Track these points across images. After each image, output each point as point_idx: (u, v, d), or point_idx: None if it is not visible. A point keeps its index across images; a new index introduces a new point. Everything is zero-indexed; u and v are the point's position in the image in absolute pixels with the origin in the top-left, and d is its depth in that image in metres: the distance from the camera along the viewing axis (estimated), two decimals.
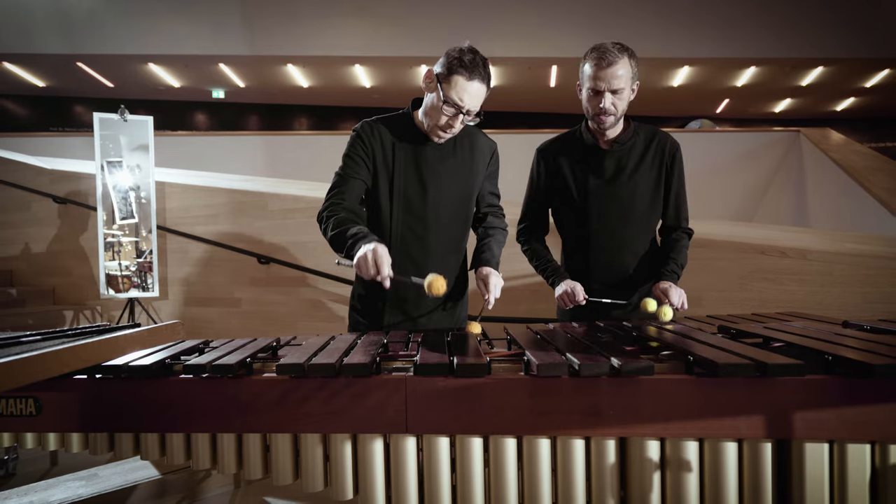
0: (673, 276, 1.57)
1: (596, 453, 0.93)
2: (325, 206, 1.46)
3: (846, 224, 4.35)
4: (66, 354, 1.00)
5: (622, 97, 1.51)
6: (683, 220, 1.67)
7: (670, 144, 1.62)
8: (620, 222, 1.61)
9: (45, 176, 4.22)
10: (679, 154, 1.64)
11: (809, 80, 8.69)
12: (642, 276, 1.63)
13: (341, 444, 0.98)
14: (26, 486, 1.91)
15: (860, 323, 1.29)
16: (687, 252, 1.66)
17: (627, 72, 1.49)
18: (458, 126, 1.42)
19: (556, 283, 1.63)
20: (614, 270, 1.63)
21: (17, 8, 7.22)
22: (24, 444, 1.11)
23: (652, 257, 1.65)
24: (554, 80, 8.78)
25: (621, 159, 1.60)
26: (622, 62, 1.47)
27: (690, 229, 1.70)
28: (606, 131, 1.58)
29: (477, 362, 0.96)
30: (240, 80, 9.03)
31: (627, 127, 1.62)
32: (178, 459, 1.05)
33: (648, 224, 1.64)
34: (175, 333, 1.25)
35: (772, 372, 0.89)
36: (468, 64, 1.35)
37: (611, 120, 1.54)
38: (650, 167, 1.60)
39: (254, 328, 3.56)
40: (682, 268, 1.61)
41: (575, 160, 1.65)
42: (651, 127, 1.66)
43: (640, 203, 1.60)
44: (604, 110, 1.51)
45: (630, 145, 1.61)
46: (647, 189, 1.60)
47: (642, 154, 1.60)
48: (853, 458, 0.88)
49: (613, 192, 1.60)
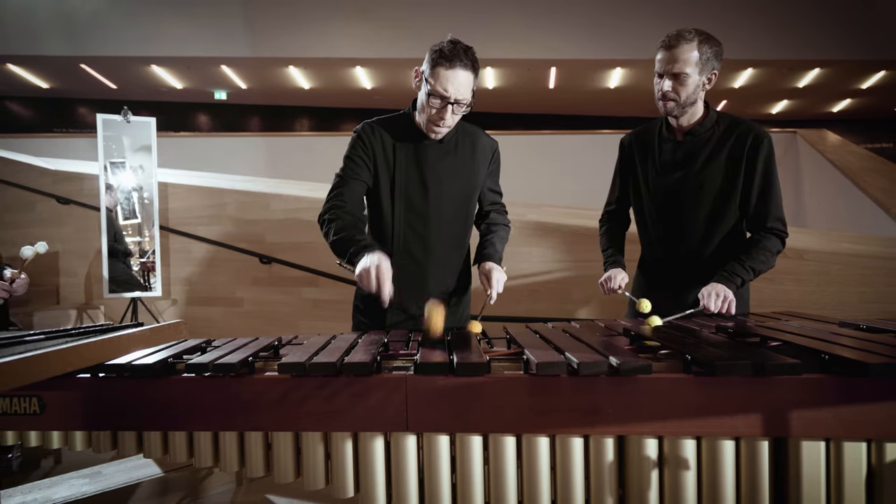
0: (731, 278, 1.43)
1: (594, 451, 0.94)
2: (326, 208, 1.47)
3: (843, 224, 4.36)
4: (70, 353, 1.01)
5: (684, 83, 1.43)
6: (772, 220, 1.51)
7: (753, 136, 1.48)
8: (682, 216, 1.54)
9: (49, 177, 4.24)
10: (765, 147, 1.48)
11: (806, 81, 8.72)
12: (705, 276, 1.48)
13: (342, 442, 0.99)
14: (30, 484, 1.92)
15: (856, 322, 1.29)
16: (769, 255, 1.48)
17: (692, 56, 1.41)
18: (449, 118, 1.41)
19: (606, 270, 1.62)
20: (675, 266, 1.56)
21: (22, 10, 7.25)
22: (28, 442, 1.11)
23: (722, 257, 1.52)
24: (553, 81, 8.79)
25: (693, 150, 1.52)
26: (686, 46, 1.41)
27: (783, 231, 1.52)
28: (678, 119, 1.52)
29: (477, 361, 0.97)
30: (241, 81, 9.05)
31: (706, 116, 1.53)
32: (181, 457, 1.05)
33: (717, 220, 1.52)
34: (177, 333, 1.26)
35: (769, 371, 0.90)
36: (447, 53, 1.35)
37: (671, 105, 1.47)
38: (725, 159, 1.50)
39: (256, 328, 3.57)
40: (752, 271, 1.46)
41: (648, 151, 1.61)
42: (735, 117, 1.54)
43: (708, 196, 1.51)
44: (662, 94, 1.47)
45: (706, 136, 1.52)
46: (718, 182, 1.50)
47: (718, 146, 1.50)
48: (849, 456, 0.89)
49: (680, 185, 1.54)
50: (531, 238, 2.90)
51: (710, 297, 1.40)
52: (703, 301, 1.40)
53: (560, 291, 2.83)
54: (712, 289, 1.41)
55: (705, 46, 1.43)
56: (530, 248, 2.88)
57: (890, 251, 2.45)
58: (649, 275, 1.62)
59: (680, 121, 1.54)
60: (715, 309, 1.39)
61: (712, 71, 1.47)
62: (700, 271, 1.53)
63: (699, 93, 1.49)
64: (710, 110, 1.54)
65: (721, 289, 1.41)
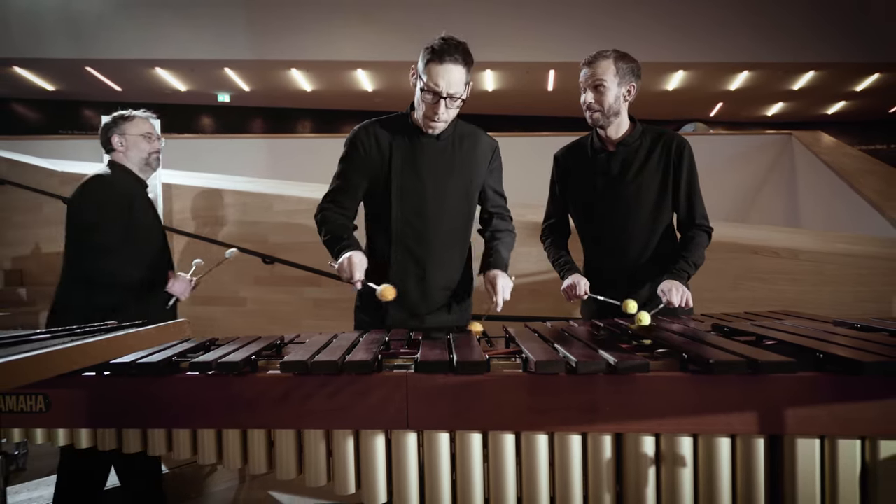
0: (680, 274, 1.57)
1: (592, 449, 0.95)
2: (320, 209, 1.55)
3: (837, 225, 4.38)
4: (75, 352, 1.02)
5: (604, 93, 1.58)
6: (699, 217, 1.67)
7: (677, 143, 1.65)
8: (626, 221, 1.65)
9: (55, 178, 4.27)
10: (687, 152, 1.65)
11: (801, 84, 8.76)
12: (652, 274, 1.64)
13: (344, 439, 1.00)
14: (36, 481, 1.93)
15: (851, 321, 1.30)
16: (703, 250, 1.65)
17: (609, 69, 1.57)
18: (443, 112, 1.44)
19: (565, 277, 1.69)
20: (623, 268, 1.66)
21: (27, 13, 7.30)
22: (34, 439, 1.12)
23: (662, 255, 1.66)
24: (551, 84, 8.82)
25: (626, 160, 1.65)
26: (604, 62, 1.58)
27: (708, 227, 1.69)
28: (607, 130, 1.64)
29: (476, 360, 0.98)
30: (244, 84, 9.09)
31: (633, 128, 1.66)
32: (185, 454, 1.06)
33: (656, 222, 1.66)
34: (181, 332, 1.27)
35: (764, 369, 0.91)
36: (439, 50, 1.40)
37: (597, 115, 1.60)
38: (656, 166, 1.64)
39: (258, 327, 3.59)
40: (694, 266, 1.61)
41: (583, 163, 1.72)
42: (658, 128, 1.70)
43: (645, 202, 1.64)
44: (587, 106, 1.61)
45: (636, 146, 1.65)
46: (653, 188, 1.64)
47: (648, 154, 1.64)
48: (844, 454, 0.90)
49: (618, 192, 1.65)
50: (530, 238, 2.89)
51: (671, 292, 1.50)
52: (666, 297, 1.50)
53: (559, 291, 2.82)
54: (670, 285, 1.52)
55: (621, 62, 1.59)
56: (529, 249, 2.88)
57: (884, 251, 2.47)
58: (596, 280, 1.67)
59: (608, 132, 1.66)
60: (677, 303, 1.50)
61: (630, 84, 1.61)
62: (644, 272, 1.65)
63: (621, 104, 1.62)
64: (636, 122, 1.67)
65: (677, 284, 1.53)
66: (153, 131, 1.95)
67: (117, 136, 1.90)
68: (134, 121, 1.92)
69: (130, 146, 1.90)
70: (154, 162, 1.95)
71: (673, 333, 1.19)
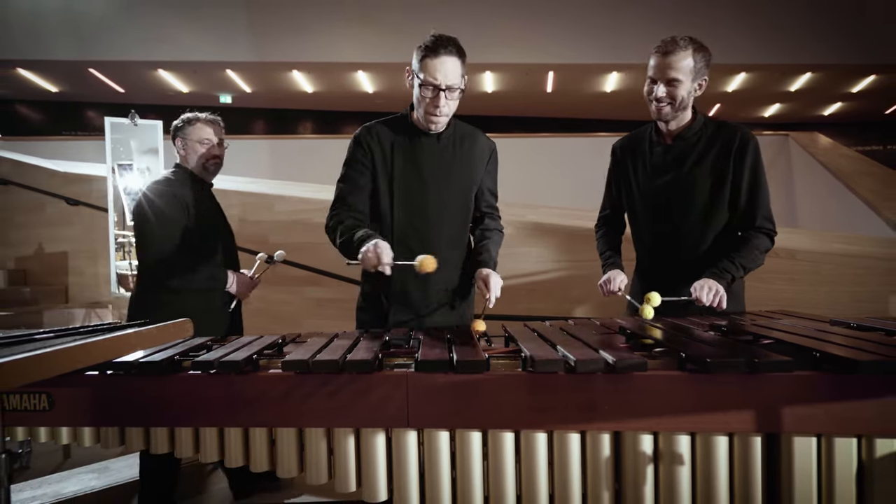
0: (721, 274, 1.46)
1: (591, 447, 0.96)
2: (331, 216, 1.52)
3: (834, 225, 4.39)
4: (78, 351, 1.02)
5: (678, 88, 1.48)
6: (760, 219, 1.54)
7: (739, 138, 1.53)
8: (676, 220, 1.57)
9: (58, 178, 4.29)
10: (751, 148, 1.53)
11: (798, 85, 8.76)
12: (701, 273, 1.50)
13: (344, 438, 1.01)
14: (40, 479, 1.94)
15: (847, 321, 1.30)
16: (757, 253, 1.52)
17: (686, 64, 1.46)
18: (443, 105, 1.45)
19: (605, 272, 1.65)
20: (671, 270, 1.58)
21: (31, 15, 7.33)
22: (37, 437, 1.13)
23: (715, 254, 1.54)
24: (551, 85, 8.83)
25: (683, 153, 1.57)
26: (682, 54, 1.46)
27: (771, 229, 1.56)
28: (668, 123, 1.56)
29: (476, 359, 0.99)
30: (246, 85, 9.11)
31: (694, 120, 1.58)
32: (187, 453, 1.07)
33: (710, 222, 1.56)
34: (184, 331, 1.28)
35: (761, 368, 0.91)
36: (431, 44, 1.42)
37: (666, 111, 1.52)
38: (713, 161, 1.54)
39: (260, 326, 3.58)
40: (742, 268, 1.49)
41: (638, 156, 1.65)
42: (722, 121, 1.59)
43: (699, 198, 1.54)
44: (657, 99, 1.51)
45: (694, 140, 1.56)
46: (706, 185, 1.54)
47: (706, 148, 1.55)
48: (840, 452, 0.91)
49: (671, 187, 1.57)
50: (530, 238, 2.92)
51: (702, 289, 1.43)
52: (696, 293, 1.43)
53: (558, 290, 2.85)
54: (704, 283, 1.44)
55: (698, 55, 1.49)
56: (529, 248, 2.90)
57: (881, 251, 2.48)
58: (646, 280, 1.63)
59: (669, 125, 1.58)
60: (707, 301, 1.42)
61: (703, 78, 1.52)
62: (696, 272, 1.53)
63: (690, 99, 1.53)
64: (697, 114, 1.59)
65: (713, 283, 1.44)
66: (212, 137, 1.92)
67: (179, 139, 1.92)
68: (195, 125, 1.92)
69: (189, 150, 1.91)
70: (212, 167, 1.93)
71: (670, 331, 1.20)
